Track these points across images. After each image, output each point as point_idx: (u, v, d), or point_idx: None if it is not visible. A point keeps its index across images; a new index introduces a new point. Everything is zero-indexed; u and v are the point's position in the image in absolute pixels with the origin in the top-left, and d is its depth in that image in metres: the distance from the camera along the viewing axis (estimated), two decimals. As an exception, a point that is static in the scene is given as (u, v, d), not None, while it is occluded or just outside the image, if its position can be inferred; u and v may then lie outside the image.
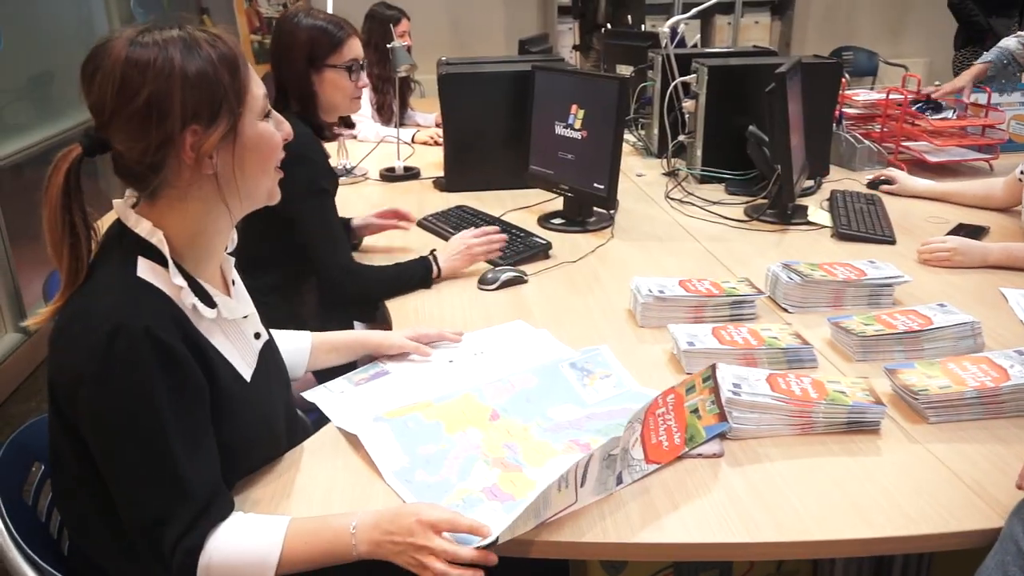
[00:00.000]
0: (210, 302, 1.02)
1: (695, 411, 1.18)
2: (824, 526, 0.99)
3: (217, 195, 1.00)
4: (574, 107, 2.08)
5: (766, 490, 1.06)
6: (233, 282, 1.13)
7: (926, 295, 1.64)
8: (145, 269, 0.97)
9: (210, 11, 5.00)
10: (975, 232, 1.99)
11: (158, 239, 0.98)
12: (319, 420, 1.26)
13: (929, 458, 1.12)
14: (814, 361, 1.38)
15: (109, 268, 0.97)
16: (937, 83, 2.79)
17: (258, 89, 1.02)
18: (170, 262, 0.97)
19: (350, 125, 1.98)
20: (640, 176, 2.63)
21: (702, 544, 0.98)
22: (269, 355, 1.15)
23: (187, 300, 0.98)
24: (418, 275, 1.74)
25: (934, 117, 2.58)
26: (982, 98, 2.65)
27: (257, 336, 1.13)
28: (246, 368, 1.08)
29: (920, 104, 2.61)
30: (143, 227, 0.98)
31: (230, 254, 1.13)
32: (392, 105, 3.23)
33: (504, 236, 1.87)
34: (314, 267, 1.71)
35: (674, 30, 3.29)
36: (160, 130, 0.94)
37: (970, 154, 2.51)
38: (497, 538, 0.89)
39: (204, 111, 0.95)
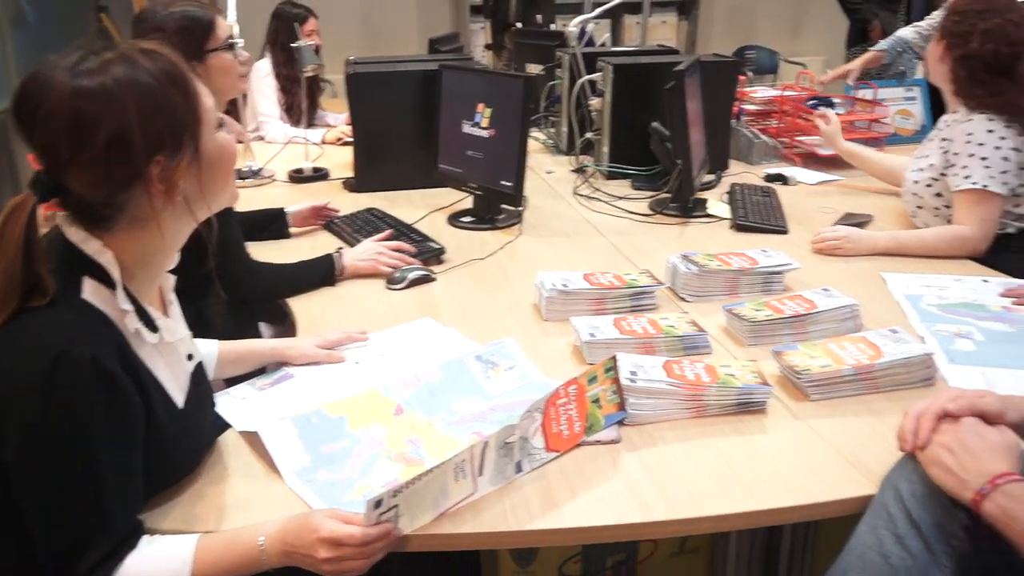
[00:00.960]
0: (153, 326, 0.99)
1: (596, 401, 1.21)
2: (713, 502, 1.04)
3: (187, 213, 0.99)
4: (481, 106, 2.11)
5: (661, 472, 1.11)
6: (171, 301, 1.11)
7: (815, 281, 1.71)
8: (90, 291, 0.93)
9: (109, 8, 4.83)
10: (860, 221, 2.10)
11: (107, 260, 0.94)
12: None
13: (810, 433, 1.19)
14: (709, 347, 1.44)
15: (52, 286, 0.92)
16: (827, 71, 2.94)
17: (208, 100, 1.01)
18: (119, 286, 0.95)
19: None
20: (550, 173, 2.68)
21: (598, 527, 1.01)
22: (200, 376, 1.14)
23: (131, 325, 0.96)
24: (321, 272, 1.73)
25: (825, 112, 2.71)
26: (871, 95, 2.80)
27: (190, 357, 1.11)
28: (179, 393, 1.06)
29: (813, 100, 2.74)
30: (91, 246, 0.94)
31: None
32: (301, 105, 3.19)
33: (413, 249, 1.86)
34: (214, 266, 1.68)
35: (582, 29, 3.35)
36: (125, 169, 0.91)
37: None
38: (381, 499, 0.90)
39: (167, 140, 0.93)
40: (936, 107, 2.67)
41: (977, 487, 0.90)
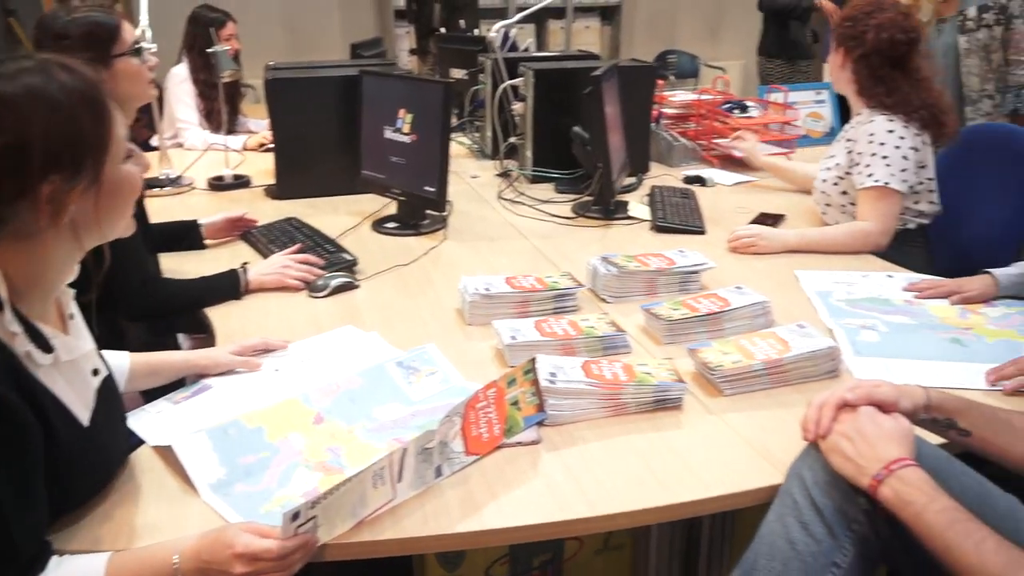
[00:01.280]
0: (46, 346, 0.96)
1: (515, 403, 1.22)
2: (630, 498, 1.07)
3: (72, 239, 0.95)
4: (402, 111, 2.10)
5: (580, 471, 1.13)
6: (71, 316, 1.07)
7: (732, 279, 1.75)
8: None
9: (18, 12, 4.64)
10: (773, 220, 2.18)
11: None
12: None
13: (724, 427, 1.23)
14: (628, 347, 1.48)
15: None
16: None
17: (121, 130, 0.98)
18: (7, 307, 0.91)
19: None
20: (475, 178, 2.69)
21: (518, 528, 1.03)
22: (108, 391, 1.10)
23: (21, 347, 0.92)
24: (224, 288, 1.70)
25: (740, 116, 2.80)
26: (783, 98, 2.90)
27: (96, 372, 1.07)
28: (84, 411, 1.02)
29: (728, 104, 2.82)
30: None
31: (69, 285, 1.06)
32: (221, 111, 3.13)
33: (322, 262, 1.83)
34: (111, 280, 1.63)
35: (506, 34, 3.38)
36: (14, 182, 0.87)
37: (771, 148, 2.74)
38: (298, 512, 0.89)
39: (66, 161, 0.90)
40: (844, 110, 2.79)
41: (873, 473, 0.95)
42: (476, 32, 3.81)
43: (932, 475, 0.96)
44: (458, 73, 3.23)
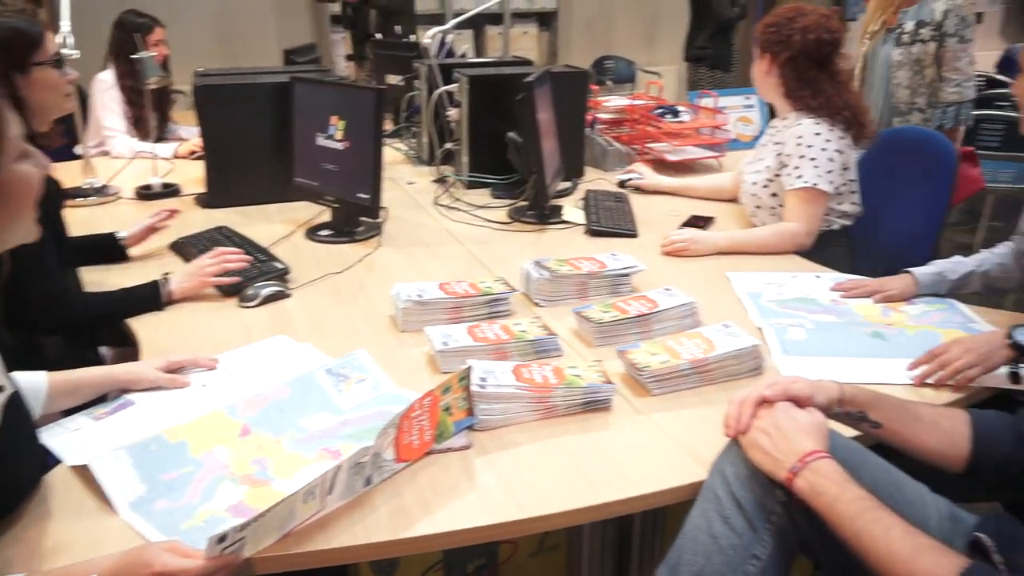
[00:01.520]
0: None
1: (447, 409, 1.23)
2: (558, 500, 1.08)
3: None
4: (335, 118, 2.09)
5: (511, 474, 1.14)
6: None
7: (665, 281, 1.77)
8: None
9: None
10: (704, 222, 2.23)
11: None
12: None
13: (651, 427, 1.26)
14: (559, 350, 1.49)
15: None
16: None
17: (13, 130, 0.94)
18: None
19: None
20: (411, 184, 2.68)
21: (446, 533, 1.03)
22: (14, 409, 1.05)
23: None
24: (143, 299, 1.66)
25: (672, 120, 2.85)
26: (713, 103, 2.97)
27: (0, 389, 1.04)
28: None
29: (660, 109, 2.88)
30: None
31: None
32: (149, 118, 3.06)
33: (241, 252, 1.81)
34: (15, 290, 1.57)
35: (442, 40, 3.38)
36: None
37: (702, 152, 2.81)
38: (225, 535, 0.88)
39: None
40: (774, 114, 2.87)
41: (789, 466, 0.98)
42: (412, 38, 3.80)
43: (845, 466, 0.99)
44: (394, 79, 3.23)
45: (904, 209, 2.20)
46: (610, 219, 2.22)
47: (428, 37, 2.62)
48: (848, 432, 1.14)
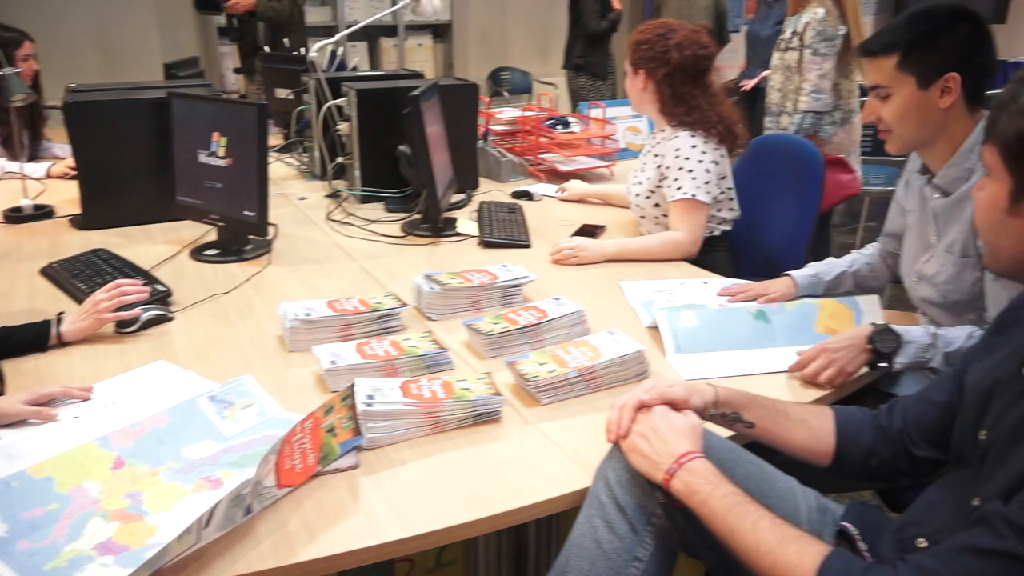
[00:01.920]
0: None
1: (331, 430, 1.21)
2: (445, 515, 1.08)
3: None
4: (216, 135, 2.03)
5: (397, 492, 1.13)
6: None
7: (557, 291, 1.79)
8: None
9: None
10: (594, 231, 2.28)
11: None
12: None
13: (539, 436, 1.27)
14: (450, 363, 1.49)
15: None
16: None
17: None
18: None
19: None
20: (303, 199, 2.64)
21: (328, 557, 1.01)
22: None
23: None
24: (27, 339, 1.54)
25: (563, 131, 2.91)
26: (601, 114, 3.04)
27: None
28: None
29: (552, 120, 2.93)
30: None
31: None
32: (18, 137, 2.89)
33: (140, 283, 1.70)
34: None
35: (333, 53, 3.35)
36: None
37: (593, 162, 2.87)
38: None
39: None
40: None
41: (666, 467, 1.01)
42: (303, 51, 3.75)
43: (719, 465, 1.03)
44: (283, 93, 3.17)
45: (779, 213, 2.30)
46: (503, 230, 2.24)
47: (315, 51, 2.58)
48: (724, 432, 1.19)
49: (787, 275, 1.84)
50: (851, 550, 1.06)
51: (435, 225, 2.27)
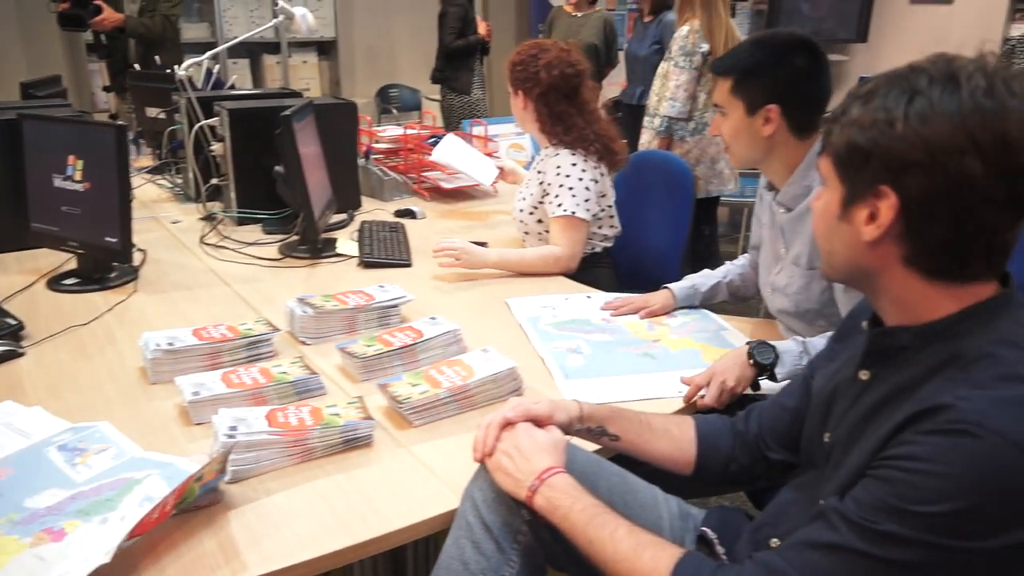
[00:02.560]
0: None
1: (200, 479, 1.14)
2: (309, 547, 1.05)
3: None
4: (72, 158, 1.93)
5: (259, 525, 1.09)
6: None
7: (442, 311, 1.75)
8: None
9: None
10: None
11: None
12: None
13: (411, 460, 1.26)
14: (322, 388, 1.46)
15: None
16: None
17: None
18: None
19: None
20: (176, 223, 2.54)
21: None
22: None
23: None
24: None
25: (445, 149, 2.90)
26: (483, 131, 3.06)
27: None
28: None
29: (434, 138, 2.93)
30: None
31: None
32: None
33: None
34: None
35: (208, 71, 3.24)
36: None
37: (476, 180, 2.87)
38: None
39: None
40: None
41: (528, 484, 1.02)
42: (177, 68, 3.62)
43: (583, 478, 1.04)
44: (154, 112, 3.05)
45: (656, 226, 2.38)
46: (384, 250, 2.21)
47: (182, 70, 2.49)
48: (590, 447, 1.20)
49: (666, 288, 1.90)
50: (710, 554, 1.10)
51: (314, 246, 2.22)
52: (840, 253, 0.94)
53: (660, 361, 1.63)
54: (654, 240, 2.38)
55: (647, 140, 3.58)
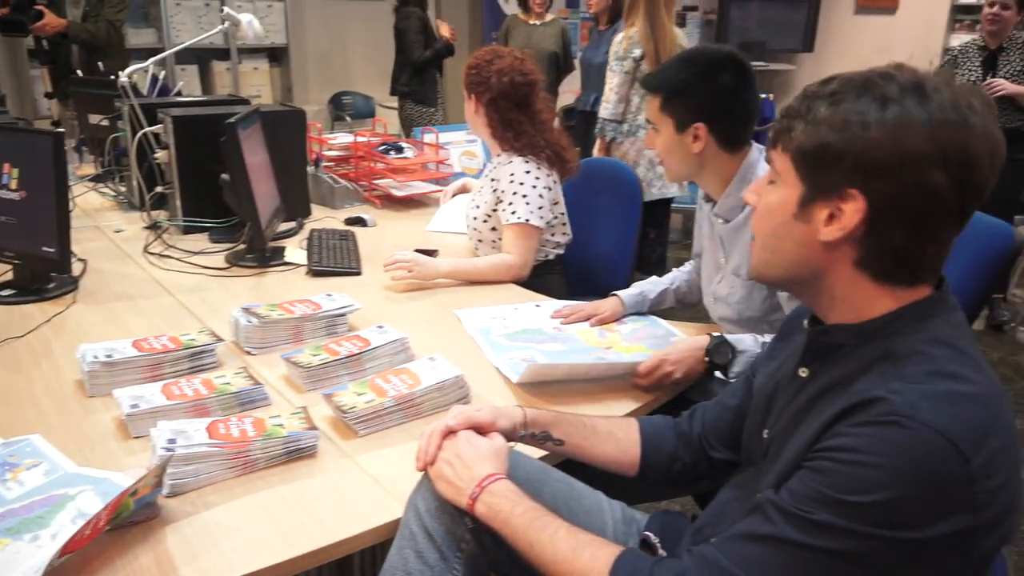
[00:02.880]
0: None
1: (134, 493, 1.12)
2: (248, 560, 1.03)
3: None
4: (7, 166, 1.87)
5: (198, 540, 1.07)
6: None
7: (387, 319, 1.73)
8: None
9: None
10: (428, 255, 2.27)
11: None
12: None
13: (356, 470, 1.25)
14: (266, 399, 1.44)
15: None
16: None
17: None
18: None
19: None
20: (119, 232, 2.48)
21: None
22: None
23: None
24: None
25: (396, 157, 2.90)
26: (434, 139, 3.06)
27: None
28: None
29: (385, 146, 2.91)
30: None
31: None
32: None
33: None
34: None
35: (154, 77, 3.19)
36: None
37: (429, 187, 2.88)
38: None
39: None
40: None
41: (470, 492, 1.01)
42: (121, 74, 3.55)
43: (527, 485, 1.05)
44: (97, 119, 2.98)
45: (605, 233, 2.40)
46: (333, 258, 2.19)
47: (126, 74, 2.44)
48: (536, 453, 1.21)
49: (615, 295, 1.91)
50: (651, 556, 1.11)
51: (261, 255, 2.19)
52: (787, 252, 0.93)
53: (609, 359, 1.64)
54: (603, 246, 2.40)
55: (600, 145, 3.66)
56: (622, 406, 1.46)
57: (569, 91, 5.21)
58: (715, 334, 1.53)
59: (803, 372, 0.97)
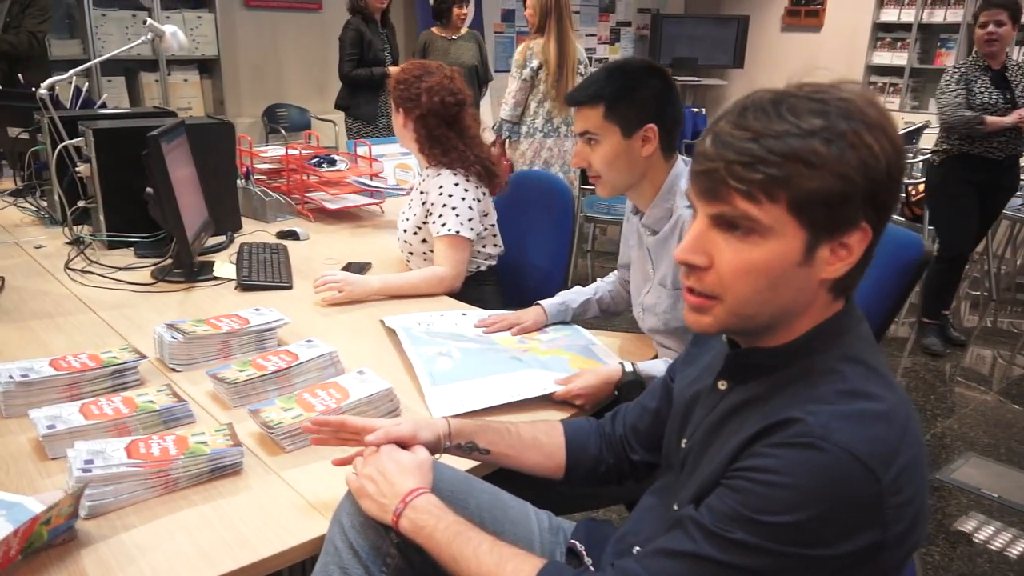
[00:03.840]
0: None
1: (47, 522, 1.08)
2: (169, 582, 1.01)
3: None
4: (-84, 180, 1.80)
5: (116, 563, 1.04)
6: None
7: (317, 332, 1.73)
8: None
9: None
10: (360, 268, 2.27)
11: None
12: None
13: (282, 486, 1.23)
14: (191, 416, 1.41)
15: None
16: None
17: None
18: None
19: None
20: (40, 248, 2.41)
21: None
22: None
23: None
24: None
25: (329, 169, 2.88)
26: (367, 151, 3.05)
27: None
28: None
29: (317, 159, 2.89)
30: None
31: None
32: None
33: None
34: None
35: (77, 88, 3.11)
36: None
37: (362, 199, 2.86)
38: None
39: None
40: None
41: (393, 508, 1.01)
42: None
43: (452, 497, 1.05)
44: (16, 131, 2.89)
45: (539, 246, 2.42)
46: (263, 272, 2.17)
47: (45, 86, 2.38)
48: (464, 463, 1.21)
49: (538, 304, 1.93)
50: (579, 566, 1.12)
51: (189, 270, 2.15)
52: (783, 299, 0.87)
53: (528, 363, 1.66)
54: (536, 258, 2.43)
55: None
56: (549, 413, 1.48)
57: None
58: (628, 367, 1.57)
59: (722, 385, 0.98)
